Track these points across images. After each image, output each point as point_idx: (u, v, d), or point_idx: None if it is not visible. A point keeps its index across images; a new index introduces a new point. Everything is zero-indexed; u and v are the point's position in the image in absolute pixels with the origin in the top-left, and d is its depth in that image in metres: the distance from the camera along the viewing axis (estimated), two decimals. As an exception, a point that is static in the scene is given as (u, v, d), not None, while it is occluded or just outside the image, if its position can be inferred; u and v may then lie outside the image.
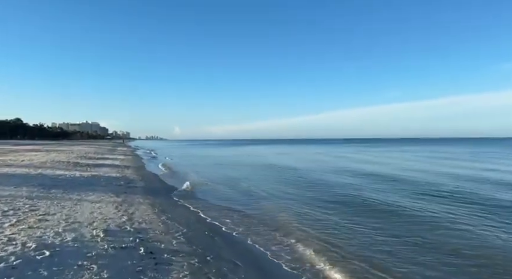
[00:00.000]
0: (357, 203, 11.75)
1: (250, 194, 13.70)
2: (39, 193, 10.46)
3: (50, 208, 8.42)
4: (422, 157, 39.34)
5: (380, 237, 7.62)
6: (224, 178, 19.29)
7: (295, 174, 21.24)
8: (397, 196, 12.91)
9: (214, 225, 8.69)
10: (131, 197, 11.26)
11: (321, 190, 14.56)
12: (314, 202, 11.95)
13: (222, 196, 13.28)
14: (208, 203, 11.77)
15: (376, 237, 7.62)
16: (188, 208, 10.76)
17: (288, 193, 14.06)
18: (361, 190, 14.30)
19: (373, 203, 11.63)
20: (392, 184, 16.22)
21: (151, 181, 17.06)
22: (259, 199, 12.75)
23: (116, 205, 9.66)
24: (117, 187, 13.11)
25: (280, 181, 17.89)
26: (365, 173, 21.07)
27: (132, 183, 14.92)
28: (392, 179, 18.23)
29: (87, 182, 13.54)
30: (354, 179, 18.37)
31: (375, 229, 8.35)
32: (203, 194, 13.66)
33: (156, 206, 10.16)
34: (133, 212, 8.93)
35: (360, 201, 12.04)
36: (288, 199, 12.67)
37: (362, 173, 21.44)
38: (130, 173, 18.85)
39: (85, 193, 11.22)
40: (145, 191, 12.94)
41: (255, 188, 15.16)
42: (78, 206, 9.03)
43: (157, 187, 15.16)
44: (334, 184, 16.35)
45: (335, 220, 9.31)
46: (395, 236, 7.68)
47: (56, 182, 12.90)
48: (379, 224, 8.75)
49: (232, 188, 15.47)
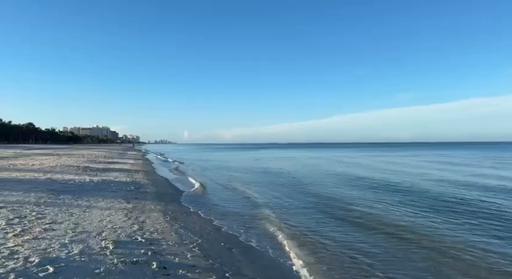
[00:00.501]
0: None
1: (267, 201, 13.13)
2: (48, 199, 10.06)
3: (57, 216, 7.98)
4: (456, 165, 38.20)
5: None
6: (237, 183, 18.75)
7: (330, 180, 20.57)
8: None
9: (230, 235, 8.12)
10: (142, 203, 10.79)
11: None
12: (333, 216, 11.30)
13: (236, 203, 12.73)
14: (222, 210, 11.24)
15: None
16: (201, 215, 10.23)
17: (308, 201, 13.44)
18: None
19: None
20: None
21: (162, 185, 16.61)
22: (278, 207, 12.16)
23: (126, 212, 9.19)
24: (127, 193, 12.67)
25: (300, 189, 17.26)
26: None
27: (143, 188, 14.49)
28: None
29: (96, 188, 13.15)
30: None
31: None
32: (215, 200, 13.15)
33: (168, 213, 9.66)
34: (144, 220, 8.44)
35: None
36: (309, 208, 12.05)
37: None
38: (140, 178, 18.46)
39: (94, 199, 10.80)
40: (156, 197, 12.47)
41: (269, 196, 14.58)
42: (87, 213, 8.58)
43: (168, 192, 14.69)
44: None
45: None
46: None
47: (65, 187, 12.53)
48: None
49: (244, 194, 14.92)
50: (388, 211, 10.94)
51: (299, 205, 12.19)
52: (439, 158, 45.50)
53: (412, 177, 21.12)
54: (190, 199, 13.28)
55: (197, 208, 11.34)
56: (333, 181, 19.70)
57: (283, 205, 12.28)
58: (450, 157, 50.07)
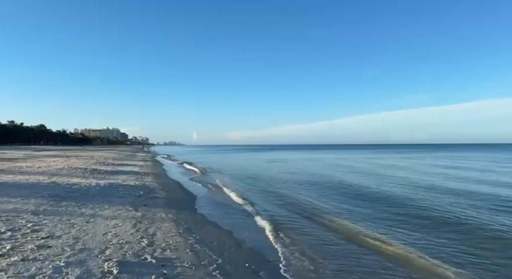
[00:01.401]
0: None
1: (289, 206, 11.98)
2: (48, 206, 9.10)
3: (56, 228, 6.98)
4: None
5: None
6: (252, 186, 17.64)
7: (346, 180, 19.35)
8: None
9: (254, 252, 6.99)
10: (152, 211, 9.77)
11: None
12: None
13: (257, 209, 11.57)
14: (241, 219, 10.14)
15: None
16: (218, 225, 9.14)
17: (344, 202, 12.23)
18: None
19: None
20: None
21: (173, 190, 15.59)
22: (306, 214, 10.99)
23: (134, 222, 8.16)
24: (135, 198, 11.67)
25: (330, 191, 16.07)
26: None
27: (153, 193, 13.49)
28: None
29: (103, 193, 12.18)
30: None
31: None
32: (233, 207, 12.06)
33: (181, 223, 8.60)
34: (155, 232, 7.39)
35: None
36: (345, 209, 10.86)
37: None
38: (150, 181, 17.50)
39: (100, 206, 9.81)
40: (167, 203, 11.44)
41: (294, 199, 13.43)
42: (90, 224, 7.57)
43: (180, 197, 13.66)
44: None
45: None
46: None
47: (69, 192, 11.59)
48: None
49: (262, 197, 13.79)
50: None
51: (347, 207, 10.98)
52: (487, 161, 43.64)
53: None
54: (204, 205, 12.22)
55: (213, 216, 10.26)
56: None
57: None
58: (481, 159, 48.09)
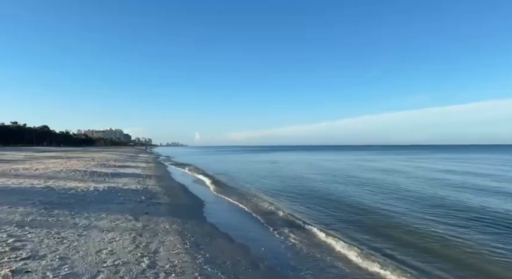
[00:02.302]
0: None
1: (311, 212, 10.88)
2: (37, 215, 8.06)
3: (41, 244, 5.92)
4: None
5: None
6: (266, 189, 16.57)
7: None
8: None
9: (275, 273, 5.90)
10: (154, 220, 8.70)
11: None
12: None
13: (272, 217, 10.48)
14: (256, 229, 9.06)
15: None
16: (229, 237, 8.06)
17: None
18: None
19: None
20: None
21: (177, 194, 14.54)
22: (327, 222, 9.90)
23: (133, 234, 7.10)
24: (136, 205, 10.61)
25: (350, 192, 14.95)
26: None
27: (155, 198, 12.44)
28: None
29: (101, 198, 11.13)
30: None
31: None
32: (246, 213, 10.98)
33: (187, 236, 7.52)
34: (157, 248, 6.31)
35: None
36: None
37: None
38: (152, 185, 16.46)
39: (96, 214, 8.76)
40: (171, 211, 10.38)
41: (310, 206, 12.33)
42: (82, 238, 6.51)
43: (185, 203, 12.59)
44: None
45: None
46: None
47: (63, 198, 10.54)
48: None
49: (278, 201, 12.71)
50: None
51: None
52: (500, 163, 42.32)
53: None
54: (212, 211, 11.16)
55: (223, 225, 9.18)
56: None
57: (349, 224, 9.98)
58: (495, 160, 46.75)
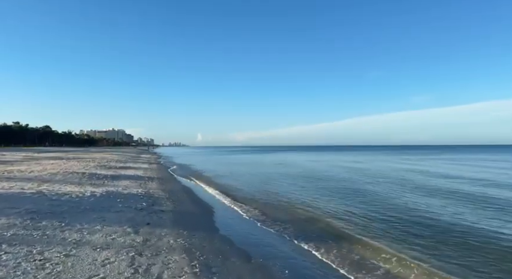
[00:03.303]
0: None
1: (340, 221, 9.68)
2: (21, 228, 6.90)
3: (17, 269, 4.78)
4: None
5: None
6: (278, 193, 15.37)
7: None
8: None
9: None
10: (156, 233, 7.54)
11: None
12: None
13: (293, 229, 9.28)
14: (276, 242, 7.87)
15: None
16: (247, 254, 6.86)
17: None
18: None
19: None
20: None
21: (181, 199, 13.36)
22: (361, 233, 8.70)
23: (132, 253, 5.93)
24: (137, 213, 9.45)
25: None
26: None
27: (158, 204, 11.28)
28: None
29: (97, 206, 9.97)
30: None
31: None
32: (261, 221, 9.80)
33: (196, 254, 6.34)
34: (160, 273, 5.15)
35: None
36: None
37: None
38: (155, 188, 15.30)
39: (90, 225, 7.61)
40: (175, 220, 9.20)
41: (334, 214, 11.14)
42: (70, 260, 5.35)
43: (191, 210, 11.41)
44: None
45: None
46: None
47: (55, 206, 9.39)
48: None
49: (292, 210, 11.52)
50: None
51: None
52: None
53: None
54: (223, 220, 9.99)
55: (237, 238, 8.00)
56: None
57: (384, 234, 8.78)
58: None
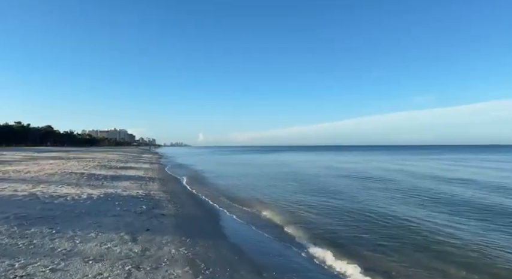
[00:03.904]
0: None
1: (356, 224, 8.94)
2: (6, 236, 6.19)
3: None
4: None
5: None
6: (289, 197, 14.65)
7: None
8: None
9: None
10: (157, 240, 6.82)
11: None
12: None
13: (312, 234, 8.54)
14: (289, 252, 7.13)
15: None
16: (257, 267, 6.13)
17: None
18: None
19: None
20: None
21: (184, 202, 12.65)
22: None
23: (129, 267, 5.21)
24: (136, 218, 8.73)
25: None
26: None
27: (158, 207, 10.56)
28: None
29: (94, 209, 9.26)
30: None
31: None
32: (272, 227, 9.06)
33: (200, 266, 5.61)
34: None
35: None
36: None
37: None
38: (156, 190, 14.60)
39: (84, 232, 6.89)
40: (177, 225, 8.49)
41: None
42: (56, 275, 4.64)
43: (193, 213, 10.69)
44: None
45: None
46: None
47: (47, 210, 8.67)
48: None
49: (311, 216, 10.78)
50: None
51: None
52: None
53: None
54: (230, 225, 9.25)
55: (245, 246, 7.27)
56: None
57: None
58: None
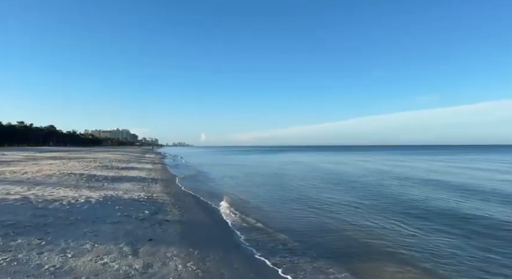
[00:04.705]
0: None
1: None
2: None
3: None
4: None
5: None
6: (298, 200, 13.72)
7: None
8: None
9: None
10: (161, 253, 5.94)
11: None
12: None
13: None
14: (309, 268, 6.21)
15: None
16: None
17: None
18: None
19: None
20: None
21: (189, 206, 11.76)
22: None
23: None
24: (137, 225, 7.85)
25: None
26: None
27: (162, 212, 9.69)
28: None
29: (91, 215, 8.38)
30: None
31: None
32: (288, 237, 8.13)
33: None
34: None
35: None
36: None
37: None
38: (158, 192, 13.74)
39: (78, 244, 6.01)
40: (183, 234, 7.60)
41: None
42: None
43: (200, 219, 9.80)
44: None
45: None
46: None
47: (38, 216, 7.80)
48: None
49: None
50: None
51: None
52: None
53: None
54: (243, 231, 8.34)
55: (264, 252, 6.35)
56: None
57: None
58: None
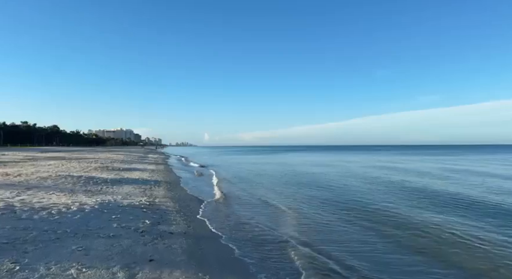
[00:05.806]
0: None
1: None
2: None
3: None
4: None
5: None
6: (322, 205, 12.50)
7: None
8: None
9: None
10: (163, 277, 4.78)
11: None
12: None
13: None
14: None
15: None
16: None
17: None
18: None
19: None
20: None
21: (195, 214, 10.61)
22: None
23: None
24: (136, 239, 6.69)
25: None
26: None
27: (165, 222, 8.55)
28: None
29: (82, 227, 7.24)
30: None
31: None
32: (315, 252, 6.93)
33: None
34: None
35: None
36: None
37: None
38: (161, 197, 12.61)
39: (61, 267, 4.89)
40: (191, 252, 6.42)
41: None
42: None
43: (209, 230, 8.63)
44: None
45: None
46: None
47: (20, 230, 6.66)
48: None
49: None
50: None
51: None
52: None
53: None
54: (259, 247, 7.15)
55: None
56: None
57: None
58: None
